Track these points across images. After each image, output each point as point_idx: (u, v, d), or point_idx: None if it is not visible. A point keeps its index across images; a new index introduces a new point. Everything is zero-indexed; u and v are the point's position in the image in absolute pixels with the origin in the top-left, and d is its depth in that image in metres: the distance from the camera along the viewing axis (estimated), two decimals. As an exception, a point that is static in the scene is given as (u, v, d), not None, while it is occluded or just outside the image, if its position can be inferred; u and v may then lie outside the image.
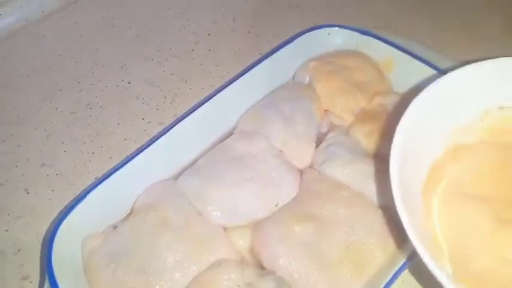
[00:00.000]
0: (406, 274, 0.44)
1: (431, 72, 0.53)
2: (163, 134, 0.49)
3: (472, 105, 0.41)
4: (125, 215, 0.47)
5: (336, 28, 0.59)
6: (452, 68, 0.41)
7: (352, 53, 0.58)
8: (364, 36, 0.58)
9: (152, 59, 0.66)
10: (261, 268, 0.44)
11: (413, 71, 0.54)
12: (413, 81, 0.54)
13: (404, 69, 0.55)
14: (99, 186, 0.45)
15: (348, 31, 0.59)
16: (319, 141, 0.52)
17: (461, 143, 0.41)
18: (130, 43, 0.68)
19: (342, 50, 0.59)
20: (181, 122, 0.50)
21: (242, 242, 0.45)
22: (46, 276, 0.39)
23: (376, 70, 0.57)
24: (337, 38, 0.59)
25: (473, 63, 0.40)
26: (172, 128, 0.50)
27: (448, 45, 0.63)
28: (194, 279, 0.41)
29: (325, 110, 0.54)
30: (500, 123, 0.41)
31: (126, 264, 0.42)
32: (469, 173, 0.40)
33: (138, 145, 0.51)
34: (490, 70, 0.40)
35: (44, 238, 0.49)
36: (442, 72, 0.53)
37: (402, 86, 0.55)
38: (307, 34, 0.58)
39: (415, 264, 0.40)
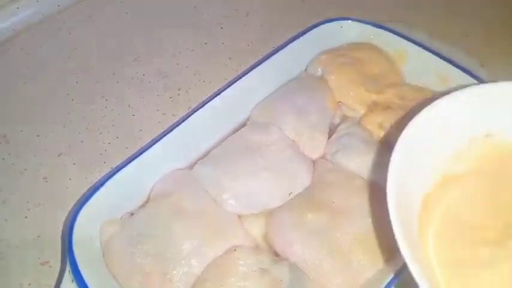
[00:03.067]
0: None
1: (443, 64, 0.54)
2: (178, 125, 0.50)
3: (459, 134, 0.40)
4: (141, 203, 0.48)
5: (349, 21, 0.59)
6: (447, 92, 0.40)
7: (365, 46, 0.59)
8: (377, 29, 0.59)
9: (166, 52, 0.67)
10: (275, 255, 0.45)
11: (425, 63, 0.55)
12: (426, 73, 0.54)
13: (416, 62, 0.56)
14: (117, 174, 0.46)
15: (360, 24, 0.59)
16: (331, 132, 0.53)
17: (451, 173, 0.40)
18: (144, 36, 0.69)
19: (355, 43, 0.59)
20: (195, 114, 0.51)
21: (256, 229, 0.46)
22: (67, 260, 0.40)
23: (388, 62, 0.57)
24: (350, 31, 0.60)
25: (460, 90, 0.39)
26: (186, 119, 0.50)
27: (460, 38, 0.63)
28: (210, 264, 0.42)
29: (338, 102, 0.55)
30: (487, 151, 0.40)
31: (144, 250, 0.43)
32: (461, 203, 0.39)
33: (153, 136, 0.51)
34: (476, 96, 0.39)
35: (64, 224, 0.50)
36: (456, 65, 0.54)
37: (414, 78, 0.56)
38: (320, 27, 0.58)
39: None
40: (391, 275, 0.40)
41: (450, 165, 0.40)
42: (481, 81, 0.52)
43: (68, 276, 0.40)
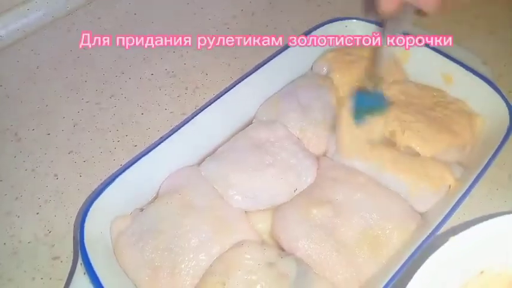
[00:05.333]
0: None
1: (446, 62, 0.54)
2: (186, 123, 0.51)
3: (456, 280, 0.38)
4: (151, 199, 0.49)
5: (354, 20, 0.60)
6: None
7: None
8: (381, 28, 0.59)
9: (174, 52, 0.68)
10: (281, 250, 0.45)
11: (428, 61, 0.56)
12: (429, 71, 0.56)
13: (419, 60, 0.57)
14: (127, 171, 0.47)
15: (365, 23, 0.60)
16: (336, 130, 0.54)
17: None
18: (152, 37, 0.70)
19: (359, 42, 0.60)
20: (202, 112, 0.52)
21: (262, 225, 0.47)
22: (79, 254, 0.42)
23: (392, 60, 0.58)
24: (354, 30, 0.60)
25: (457, 235, 0.37)
26: (194, 117, 0.51)
27: (463, 36, 0.64)
28: (218, 259, 0.43)
29: (343, 100, 0.56)
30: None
31: (153, 244, 0.44)
32: None
33: (161, 134, 0.52)
34: (471, 238, 0.38)
35: (76, 219, 0.51)
36: (459, 63, 0.54)
37: (418, 76, 0.57)
38: (325, 26, 0.59)
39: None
40: (395, 270, 0.41)
41: None
42: (484, 78, 0.53)
43: (80, 268, 0.42)
